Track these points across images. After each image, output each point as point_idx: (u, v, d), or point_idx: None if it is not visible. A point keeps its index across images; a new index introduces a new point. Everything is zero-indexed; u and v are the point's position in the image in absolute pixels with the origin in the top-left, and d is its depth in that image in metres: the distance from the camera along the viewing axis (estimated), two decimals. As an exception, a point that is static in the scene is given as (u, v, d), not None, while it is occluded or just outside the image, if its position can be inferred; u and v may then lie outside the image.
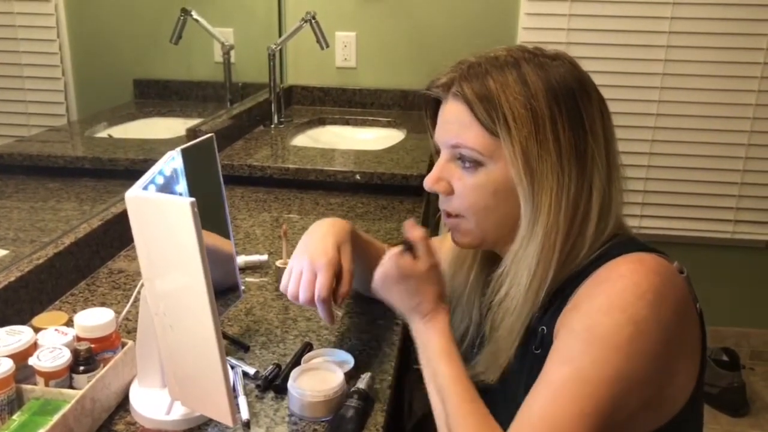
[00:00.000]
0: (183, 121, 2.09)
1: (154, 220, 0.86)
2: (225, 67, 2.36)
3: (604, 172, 0.92)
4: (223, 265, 1.15)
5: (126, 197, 0.87)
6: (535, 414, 0.81)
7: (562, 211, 0.91)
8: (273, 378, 1.06)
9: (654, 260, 0.88)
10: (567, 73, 0.93)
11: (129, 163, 1.77)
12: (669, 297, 0.85)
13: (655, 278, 0.85)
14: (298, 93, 2.84)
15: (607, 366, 0.81)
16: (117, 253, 1.49)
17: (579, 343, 0.83)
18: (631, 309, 0.82)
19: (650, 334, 0.82)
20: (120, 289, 1.35)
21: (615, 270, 0.88)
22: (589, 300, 0.86)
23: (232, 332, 1.21)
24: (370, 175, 1.96)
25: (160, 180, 0.96)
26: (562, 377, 0.82)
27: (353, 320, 1.26)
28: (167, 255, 0.86)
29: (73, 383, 0.97)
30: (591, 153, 0.91)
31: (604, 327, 0.82)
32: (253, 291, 1.36)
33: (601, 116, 0.94)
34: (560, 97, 0.91)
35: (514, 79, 0.91)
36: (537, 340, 0.93)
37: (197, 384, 0.91)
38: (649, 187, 2.76)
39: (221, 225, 1.14)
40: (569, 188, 0.91)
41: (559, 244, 0.91)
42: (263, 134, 2.41)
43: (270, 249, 1.55)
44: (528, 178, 0.91)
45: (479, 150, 0.93)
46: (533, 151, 0.90)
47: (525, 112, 0.90)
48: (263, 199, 1.90)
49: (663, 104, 2.67)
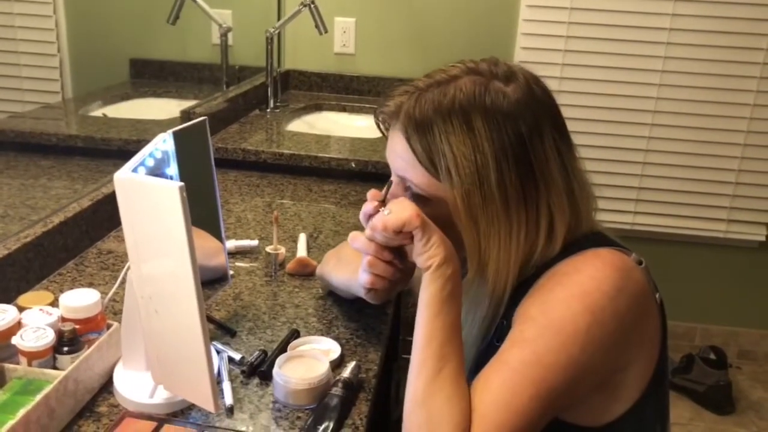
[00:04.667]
0: (178, 103, 2.08)
1: (142, 203, 0.85)
2: (222, 50, 2.34)
3: (563, 188, 0.91)
4: (212, 252, 1.15)
5: (115, 178, 0.87)
6: (493, 394, 0.82)
7: (513, 254, 0.91)
8: (258, 364, 1.06)
9: (611, 254, 0.90)
10: (520, 106, 0.89)
11: (122, 143, 1.76)
12: (625, 289, 0.87)
13: (611, 271, 0.87)
14: (296, 78, 2.83)
15: (562, 352, 0.83)
16: (107, 234, 1.49)
17: (537, 328, 0.85)
18: (588, 299, 0.85)
19: (606, 323, 0.85)
20: (108, 270, 1.34)
21: (573, 265, 0.90)
22: (548, 291, 0.88)
23: (220, 317, 1.20)
24: (365, 163, 1.96)
25: (150, 162, 0.95)
26: (519, 359, 0.83)
27: (342, 308, 1.25)
28: (154, 239, 0.86)
29: (57, 364, 0.97)
30: (544, 188, 0.90)
31: (561, 315, 0.85)
32: (243, 276, 1.36)
33: (553, 143, 0.91)
34: (508, 146, 0.88)
35: (460, 124, 0.88)
36: (497, 332, 0.95)
37: (180, 368, 0.90)
38: (644, 183, 2.76)
39: (211, 209, 1.14)
40: (518, 232, 0.90)
41: (511, 280, 0.92)
42: (258, 118, 2.40)
43: (261, 234, 1.55)
44: (472, 227, 0.90)
45: (424, 189, 0.92)
46: (476, 201, 0.88)
47: (468, 163, 0.88)
48: (256, 184, 1.90)
49: (661, 101, 2.66)
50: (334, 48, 2.78)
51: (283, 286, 1.33)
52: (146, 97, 1.96)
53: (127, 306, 0.97)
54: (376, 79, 2.77)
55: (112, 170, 0.87)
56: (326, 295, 1.30)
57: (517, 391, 0.81)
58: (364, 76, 2.78)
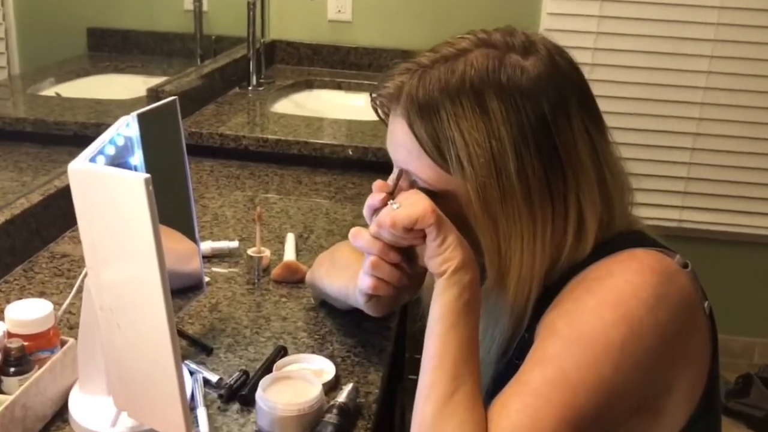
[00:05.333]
0: (144, 80, 2.08)
1: (102, 199, 0.85)
2: (196, 17, 2.35)
3: (594, 178, 0.91)
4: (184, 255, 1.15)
5: (69, 169, 0.87)
6: (512, 420, 0.81)
7: (537, 257, 0.90)
8: (239, 387, 1.06)
9: (650, 256, 0.90)
10: (541, 82, 0.89)
11: (78, 128, 1.76)
12: (667, 296, 0.86)
13: (651, 276, 0.87)
14: (282, 50, 2.83)
15: (593, 370, 0.82)
16: (60, 234, 1.48)
17: (562, 343, 0.85)
18: (623, 308, 0.84)
19: (644, 337, 0.84)
20: (63, 277, 1.34)
21: (605, 269, 0.89)
22: (576, 300, 0.88)
23: (193, 331, 1.20)
24: (364, 150, 1.96)
25: (110, 150, 0.95)
26: (542, 380, 0.83)
27: (337, 321, 1.25)
28: (116, 241, 0.86)
29: (2, 387, 0.96)
30: (572, 178, 0.90)
31: (591, 327, 0.84)
32: (220, 283, 1.36)
33: (582, 124, 0.91)
34: (529, 130, 0.88)
35: (471, 106, 0.88)
36: (518, 349, 0.95)
37: (147, 392, 0.90)
38: (694, 173, 2.75)
39: (183, 205, 1.14)
40: (544, 230, 0.90)
41: (536, 288, 0.91)
42: (239, 98, 2.40)
43: (242, 234, 1.55)
44: (490, 226, 0.90)
45: (432, 183, 0.92)
46: (493, 196, 0.88)
47: (483, 152, 0.87)
48: (236, 175, 1.90)
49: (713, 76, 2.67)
50: (328, 14, 2.78)
51: (268, 296, 1.33)
52: (107, 73, 1.97)
53: (85, 319, 0.97)
54: (378, 50, 2.77)
55: (66, 160, 0.87)
56: (318, 306, 1.29)
57: (539, 416, 0.81)
58: (363, 48, 2.78)
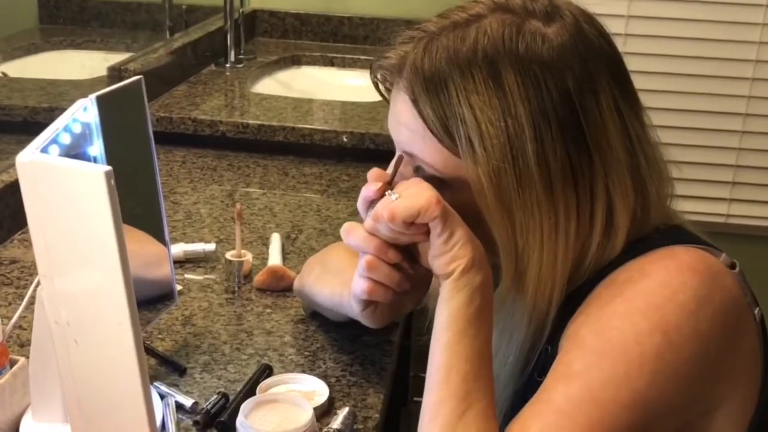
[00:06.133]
0: (104, 56, 2.08)
1: (56, 195, 0.85)
2: (164, -17, 2.35)
3: (626, 164, 0.91)
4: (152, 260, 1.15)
5: (17, 162, 0.87)
6: None
7: (560, 255, 0.90)
8: (217, 412, 1.06)
9: (691, 254, 0.89)
10: (565, 53, 0.89)
11: (28, 113, 1.76)
12: (710, 300, 0.86)
13: (691, 277, 0.87)
14: (265, 21, 2.83)
15: (624, 386, 0.83)
16: (9, 237, 1.49)
17: (589, 355, 0.85)
18: (659, 314, 0.84)
19: (683, 346, 0.84)
20: (12, 286, 1.35)
21: (638, 269, 0.89)
22: (605, 305, 0.88)
23: (163, 348, 1.21)
24: (361, 136, 1.96)
25: (65, 139, 0.95)
26: (566, 397, 0.83)
27: (330, 335, 1.26)
28: (72, 243, 0.86)
29: (-57, 414, 0.97)
30: (600, 164, 0.90)
31: (622, 336, 0.84)
32: (195, 292, 1.36)
33: (613, 102, 0.91)
34: (550, 108, 0.88)
35: (484, 79, 0.88)
36: (539, 363, 0.95)
37: (110, 419, 0.90)
38: (743, 160, 2.75)
39: (151, 202, 1.14)
40: (567, 224, 0.90)
41: (558, 291, 0.92)
42: (215, 76, 2.40)
43: (219, 235, 1.55)
44: (505, 218, 0.90)
45: (438, 168, 0.92)
46: (508, 183, 0.88)
47: (497, 132, 0.87)
48: (212, 167, 1.90)
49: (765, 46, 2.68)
50: (317, -21, 2.78)
51: (251, 306, 1.33)
52: (61, 49, 1.97)
53: (37, 335, 0.97)
54: (375, 20, 2.77)
55: (14, 150, 0.88)
56: (309, 318, 1.30)
57: None
58: (359, 18, 2.78)
